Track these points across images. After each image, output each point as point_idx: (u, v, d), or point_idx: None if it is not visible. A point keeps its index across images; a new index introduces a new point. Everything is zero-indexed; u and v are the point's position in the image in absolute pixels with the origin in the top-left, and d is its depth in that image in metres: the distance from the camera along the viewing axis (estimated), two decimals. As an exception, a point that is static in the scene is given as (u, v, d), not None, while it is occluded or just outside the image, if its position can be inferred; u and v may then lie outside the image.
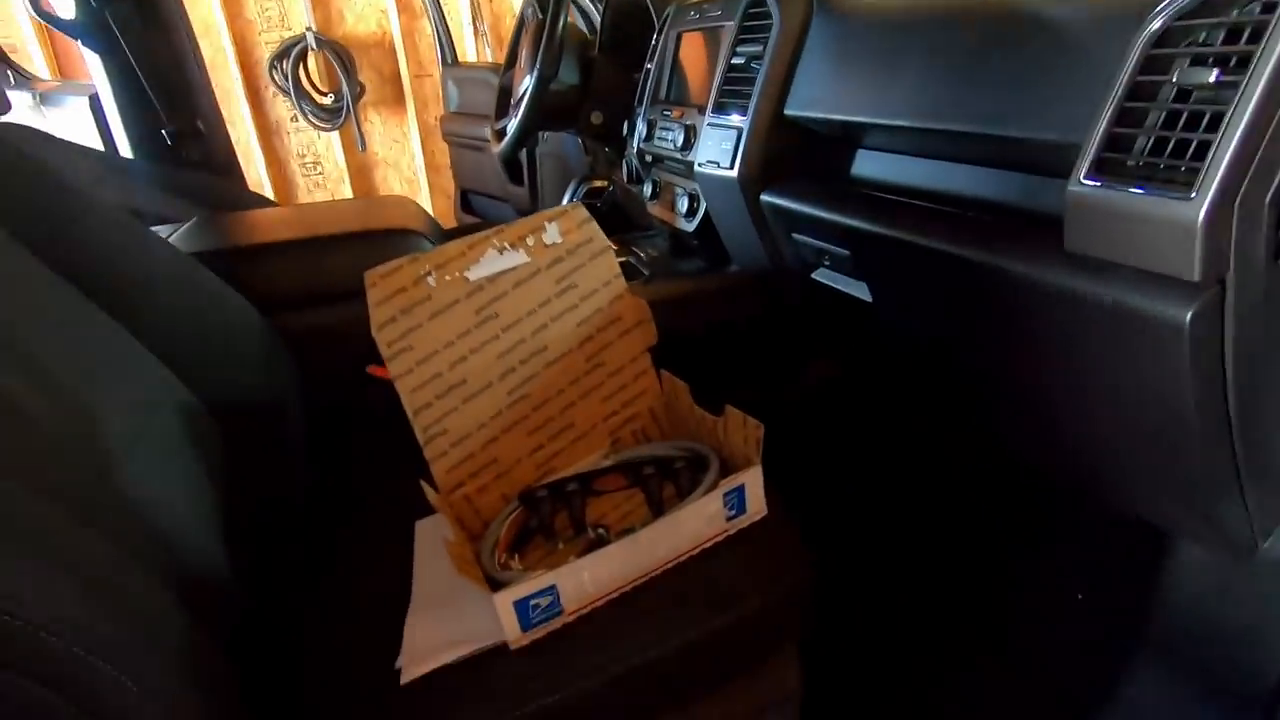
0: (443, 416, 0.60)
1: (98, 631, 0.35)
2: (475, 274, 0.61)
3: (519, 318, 0.63)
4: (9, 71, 1.99)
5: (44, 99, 1.72)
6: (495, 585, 0.50)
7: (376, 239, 0.88)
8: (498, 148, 1.39)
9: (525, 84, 1.27)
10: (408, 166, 3.28)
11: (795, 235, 0.88)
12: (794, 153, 0.89)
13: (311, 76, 2.94)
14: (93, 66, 1.37)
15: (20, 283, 0.56)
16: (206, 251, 0.79)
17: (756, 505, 0.57)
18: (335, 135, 3.08)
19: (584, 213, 0.67)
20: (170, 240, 0.85)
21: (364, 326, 0.78)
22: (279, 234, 0.89)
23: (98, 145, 1.47)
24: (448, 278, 0.60)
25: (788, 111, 0.85)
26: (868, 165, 0.85)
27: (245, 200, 1.43)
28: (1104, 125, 0.47)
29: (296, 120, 3.01)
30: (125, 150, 1.38)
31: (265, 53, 2.87)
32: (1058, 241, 0.51)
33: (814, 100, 0.82)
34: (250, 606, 0.58)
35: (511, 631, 0.49)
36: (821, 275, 0.90)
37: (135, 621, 0.38)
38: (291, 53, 2.82)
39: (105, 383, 0.57)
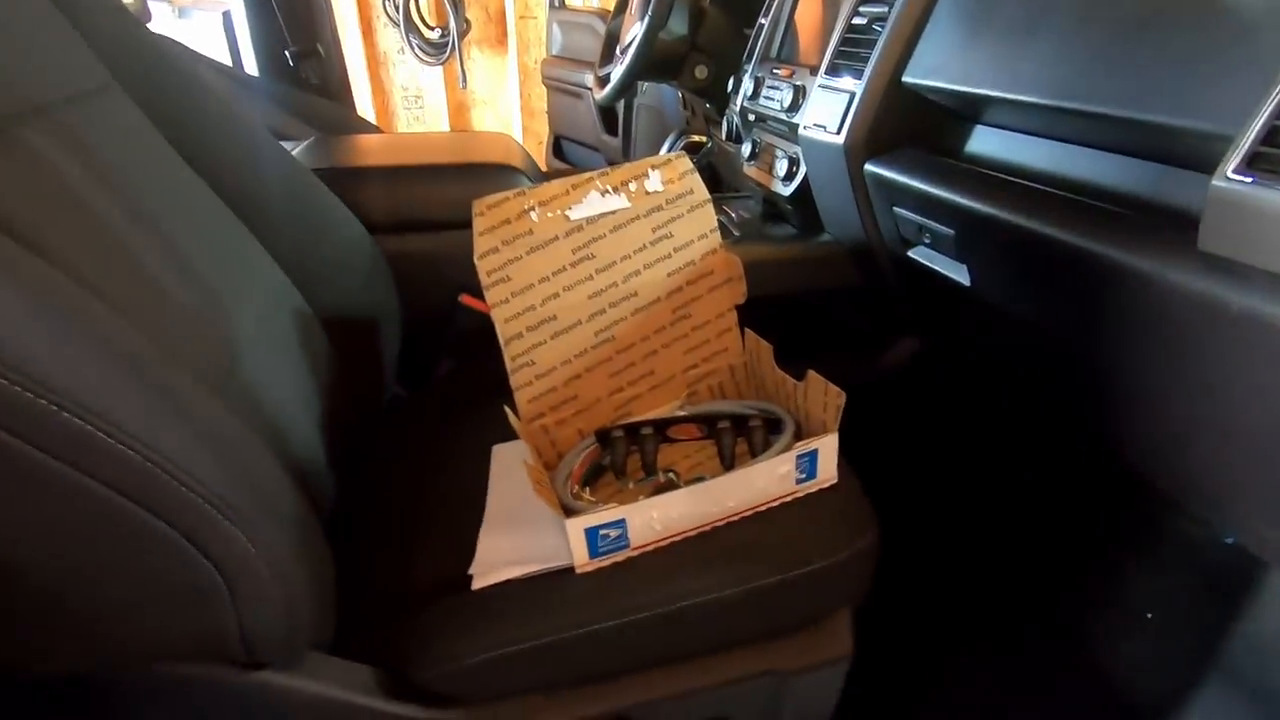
0: (531, 348, 0.63)
1: (226, 492, 0.39)
2: (576, 214, 0.62)
3: (613, 261, 0.64)
4: (151, -16, 2.11)
5: (181, 12, 1.82)
6: (568, 512, 0.53)
7: (479, 171, 0.91)
8: (599, 94, 1.39)
9: (634, 31, 1.26)
10: (504, 108, 3.32)
11: (896, 209, 0.86)
12: (905, 123, 0.86)
13: (421, 10, 2.98)
14: (228, -17, 1.44)
15: (165, 177, 0.61)
16: (321, 169, 0.83)
17: (827, 472, 0.57)
18: (438, 71, 3.13)
19: (687, 163, 0.67)
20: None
21: (461, 256, 0.80)
22: (388, 159, 0.93)
23: (226, 61, 1.55)
24: (550, 214, 0.61)
25: (906, 79, 0.82)
26: (984, 143, 0.81)
27: (355, 125, 1.48)
28: (1265, 117, 0.44)
29: (403, 53, 3.07)
30: (250, 68, 1.45)
31: (380, -17, 2.93)
32: (1188, 239, 0.49)
33: (936, 68, 0.79)
34: (339, 500, 0.63)
35: (579, 556, 0.52)
36: (918, 254, 0.87)
37: (256, 490, 0.42)
38: (405, -16, 2.86)
39: (233, 278, 0.62)
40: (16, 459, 0.33)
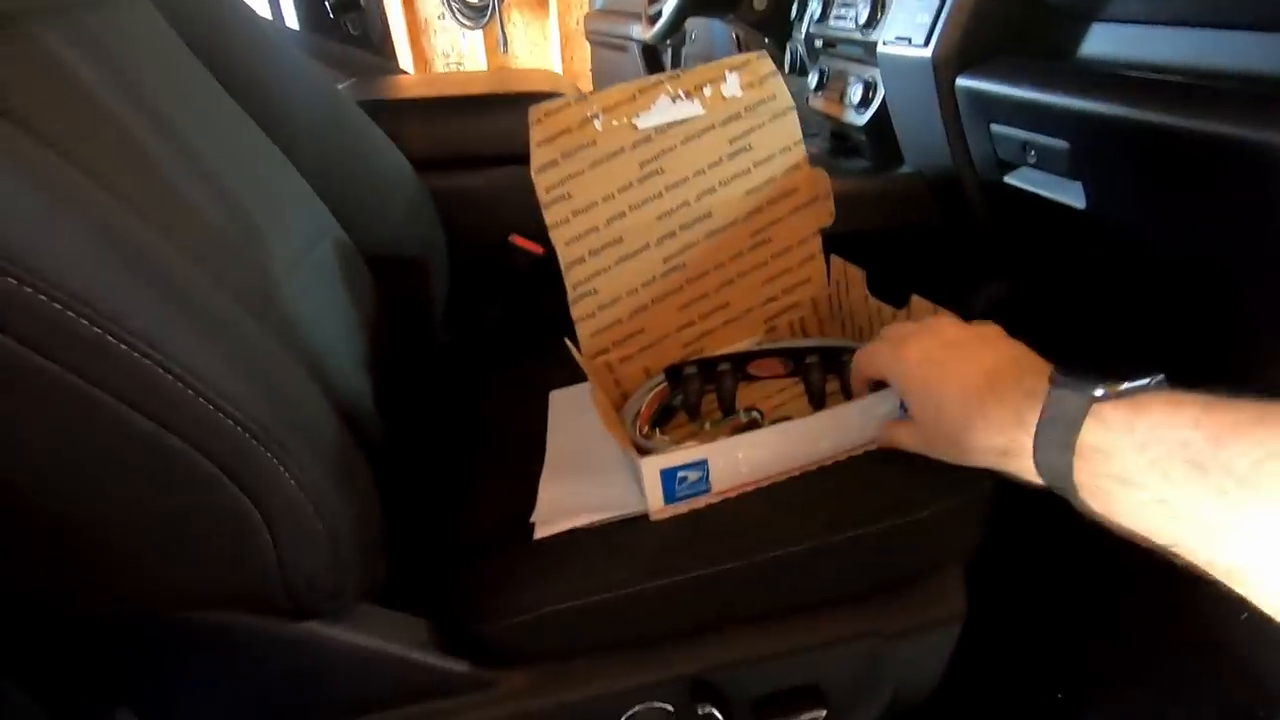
0: (594, 275, 0.56)
1: (266, 421, 0.34)
2: (644, 122, 0.54)
3: (685, 176, 0.56)
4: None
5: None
6: (641, 453, 0.46)
7: (527, 101, 0.84)
8: (649, 33, 1.31)
9: (687, -40, 1.17)
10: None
11: (994, 127, 0.76)
12: (1005, 29, 0.75)
13: (461, -29, 2.92)
14: (265, -66, 1.40)
15: (194, 94, 0.57)
16: (363, 101, 0.78)
17: None
18: (479, 35, 3.07)
19: (769, 65, 0.58)
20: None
21: (510, 194, 0.75)
22: (431, 92, 0.87)
23: (266, 13, 1.52)
24: (615, 123, 0.54)
25: (1008, -26, 0.72)
26: (1102, 42, 0.70)
27: (396, 73, 1.43)
28: None
29: (443, 18, 3.02)
30: (290, 20, 1.41)
31: (419, -55, 2.87)
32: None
33: (1048, -43, 0.68)
34: (386, 446, 0.58)
35: (655, 501, 0.46)
36: (1019, 178, 0.77)
37: (297, 421, 0.37)
38: (444, -55, 2.80)
39: (273, 208, 0.57)
40: (45, 377, 0.29)
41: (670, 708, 0.49)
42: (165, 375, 0.31)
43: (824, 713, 0.50)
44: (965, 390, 0.38)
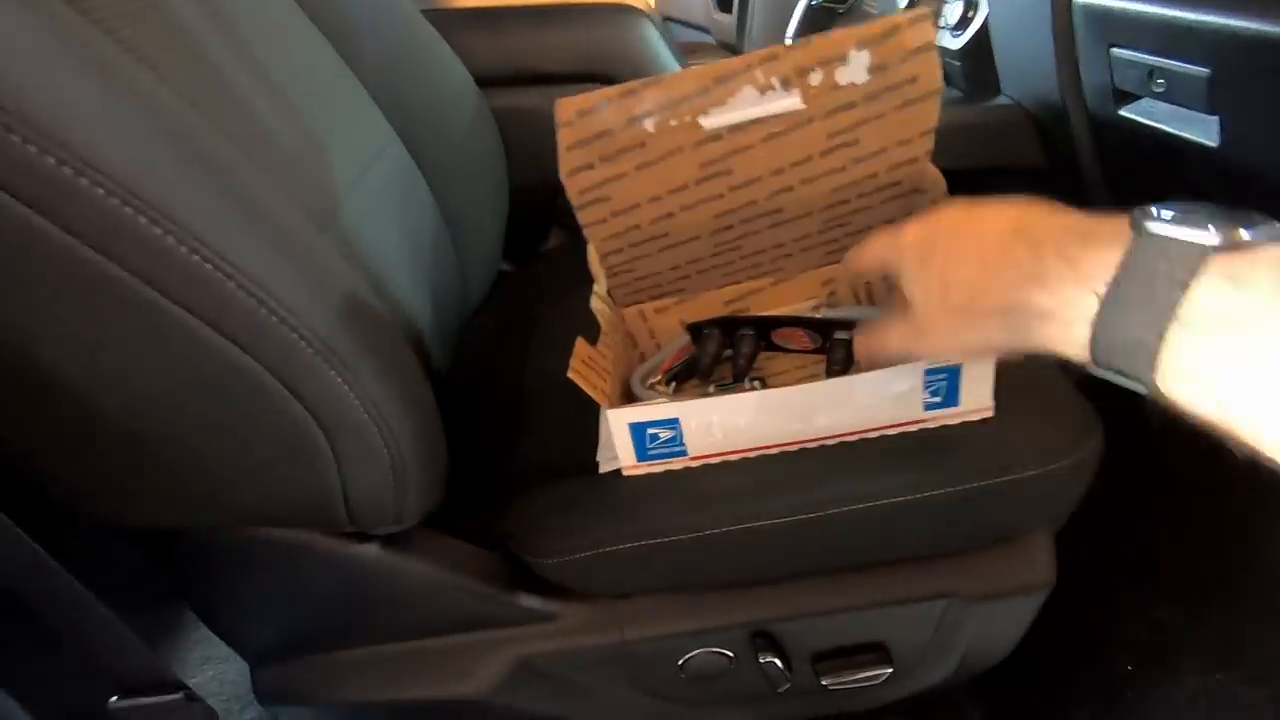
0: (632, 261, 0.50)
1: (332, 339, 0.32)
2: (715, 121, 0.41)
3: (758, 176, 0.44)
4: None
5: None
6: (631, 403, 0.44)
7: (598, 14, 0.79)
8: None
9: None
10: (604, -6, 3.10)
11: (1116, 50, 0.68)
12: (1138, -63, 0.66)
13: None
14: None
15: (268, 10, 0.53)
16: (427, 11, 0.73)
17: (976, 400, 0.42)
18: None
19: (927, 33, 0.40)
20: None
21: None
22: (497, 1, 0.82)
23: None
24: (674, 123, 0.41)
25: None
26: (1259, -48, 0.61)
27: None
28: None
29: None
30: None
31: None
32: None
33: None
34: (442, 369, 0.57)
35: (626, 455, 0.43)
36: (1138, 111, 0.69)
37: (362, 340, 0.35)
38: None
39: (335, 121, 0.54)
40: (118, 286, 0.28)
41: (730, 654, 0.48)
42: (236, 289, 0.30)
43: (889, 671, 0.48)
44: (984, 242, 0.30)
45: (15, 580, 0.34)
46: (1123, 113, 0.71)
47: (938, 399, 0.43)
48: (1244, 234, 0.24)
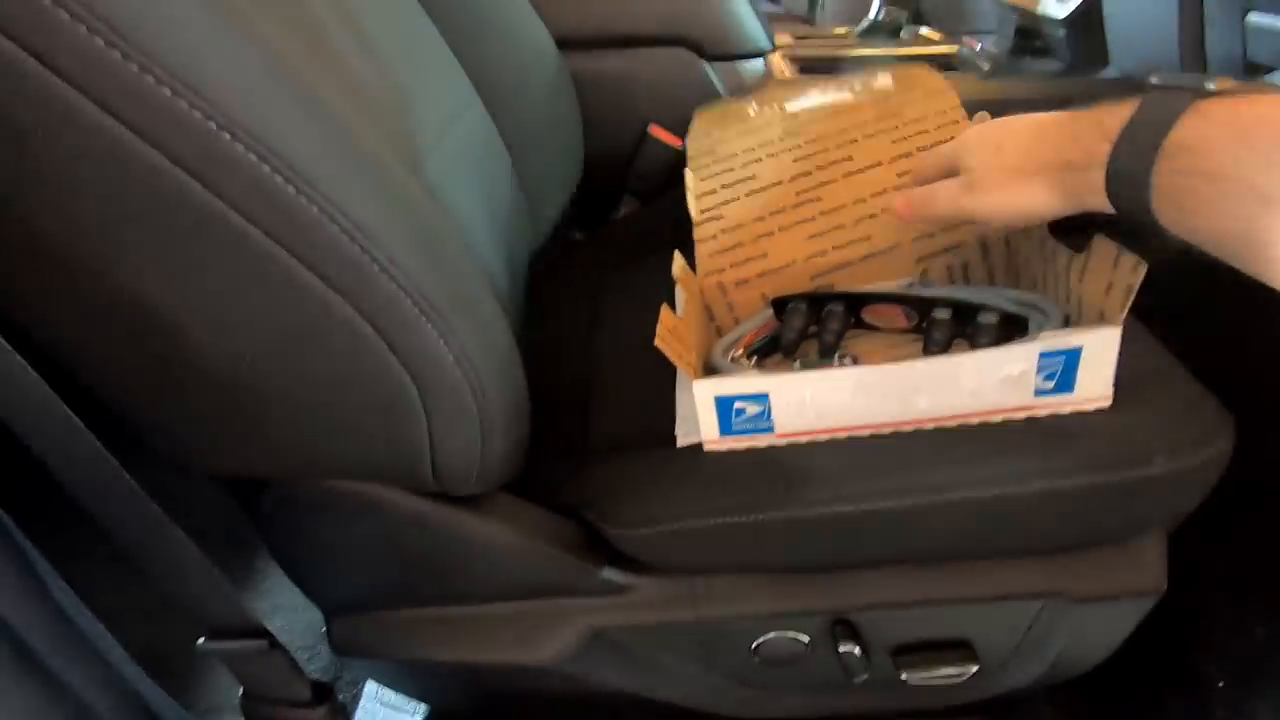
0: (721, 204, 0.53)
1: (432, 293, 0.32)
2: (793, 106, 0.59)
3: (828, 133, 0.55)
4: None
5: None
6: (711, 374, 0.42)
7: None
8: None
9: None
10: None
11: (1252, 17, 0.62)
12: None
13: None
14: None
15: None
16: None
17: (1096, 387, 0.39)
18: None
19: (928, 70, 0.59)
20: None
21: (653, 79, 0.68)
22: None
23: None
24: (766, 109, 0.60)
25: None
26: None
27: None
28: None
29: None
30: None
31: None
32: None
33: None
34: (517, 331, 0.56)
35: (709, 429, 0.41)
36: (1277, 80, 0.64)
37: (459, 296, 0.35)
38: None
39: (422, 75, 0.54)
40: (199, 209, 0.27)
41: (806, 639, 0.46)
42: (340, 233, 0.29)
43: (974, 669, 0.46)
44: (1038, 119, 0.37)
45: (113, 517, 0.34)
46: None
47: (1050, 384, 0.40)
48: (1232, 83, 0.30)
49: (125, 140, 0.25)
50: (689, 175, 0.55)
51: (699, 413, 0.41)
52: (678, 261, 0.47)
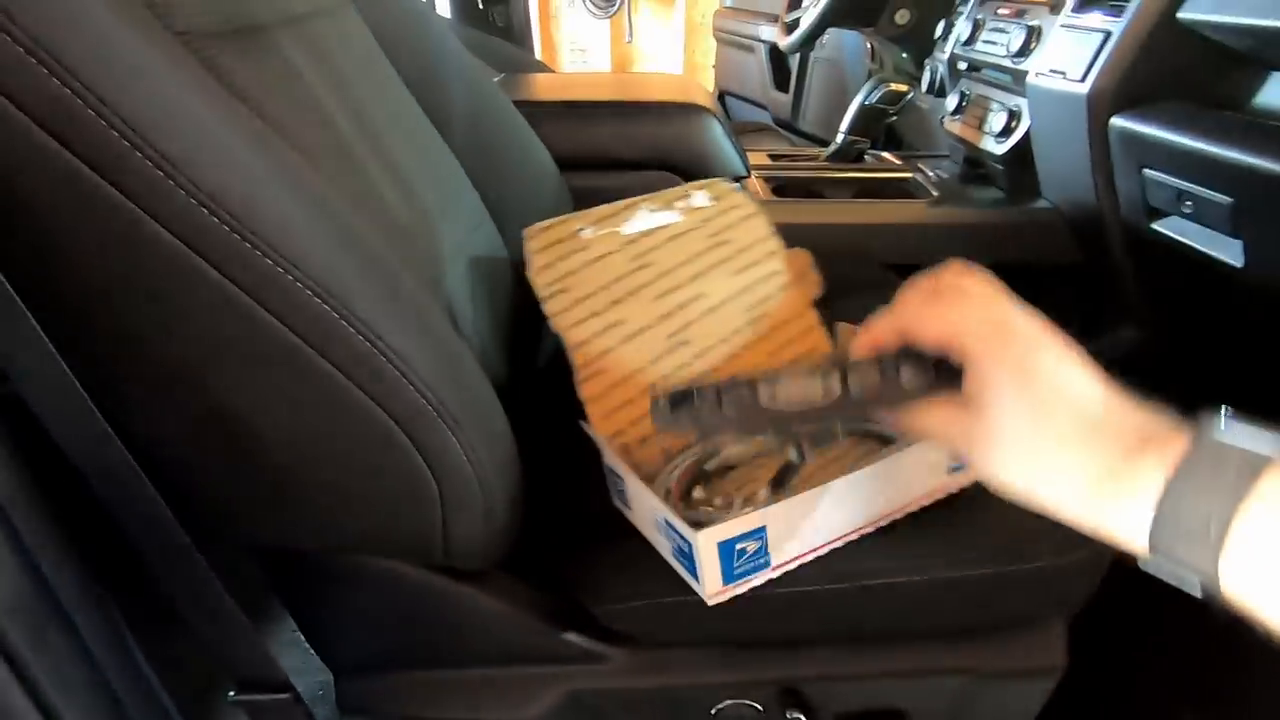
0: (600, 355, 0.57)
1: (448, 399, 0.39)
2: (628, 229, 0.61)
3: (674, 265, 0.60)
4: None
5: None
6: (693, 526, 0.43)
7: (670, 111, 0.88)
8: (785, 40, 1.31)
9: (833, -29, 1.17)
10: (667, 63, 3.27)
11: (1148, 172, 0.73)
12: (1172, 70, 0.73)
13: (595, -38, 2.98)
14: (428, -73, 1.49)
15: (387, 93, 0.63)
16: (517, 101, 0.83)
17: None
18: (605, 24, 3.13)
19: (729, 184, 0.65)
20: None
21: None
22: (579, 95, 0.92)
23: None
24: (602, 232, 0.60)
25: (1184, 15, 0.69)
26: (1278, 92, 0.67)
27: (535, 67, 1.50)
28: None
29: (573, 5, 3.10)
30: (443, 9, 1.50)
31: (558, -67, 2.95)
32: None
33: (1231, 0, 0.65)
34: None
35: (712, 582, 0.43)
36: (1168, 226, 0.75)
37: (470, 402, 0.42)
38: (582, -65, 2.87)
39: (440, 196, 0.63)
40: (271, 336, 0.35)
41: (759, 707, 0.52)
42: (379, 355, 0.37)
43: (908, 737, 0.52)
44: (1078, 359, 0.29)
45: (167, 573, 0.41)
46: (1155, 226, 0.76)
47: (956, 462, 0.47)
48: None
49: (220, 285, 0.33)
50: (556, 323, 0.56)
51: (702, 566, 0.42)
52: (589, 428, 0.52)
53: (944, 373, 0.32)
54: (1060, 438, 0.28)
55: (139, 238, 0.32)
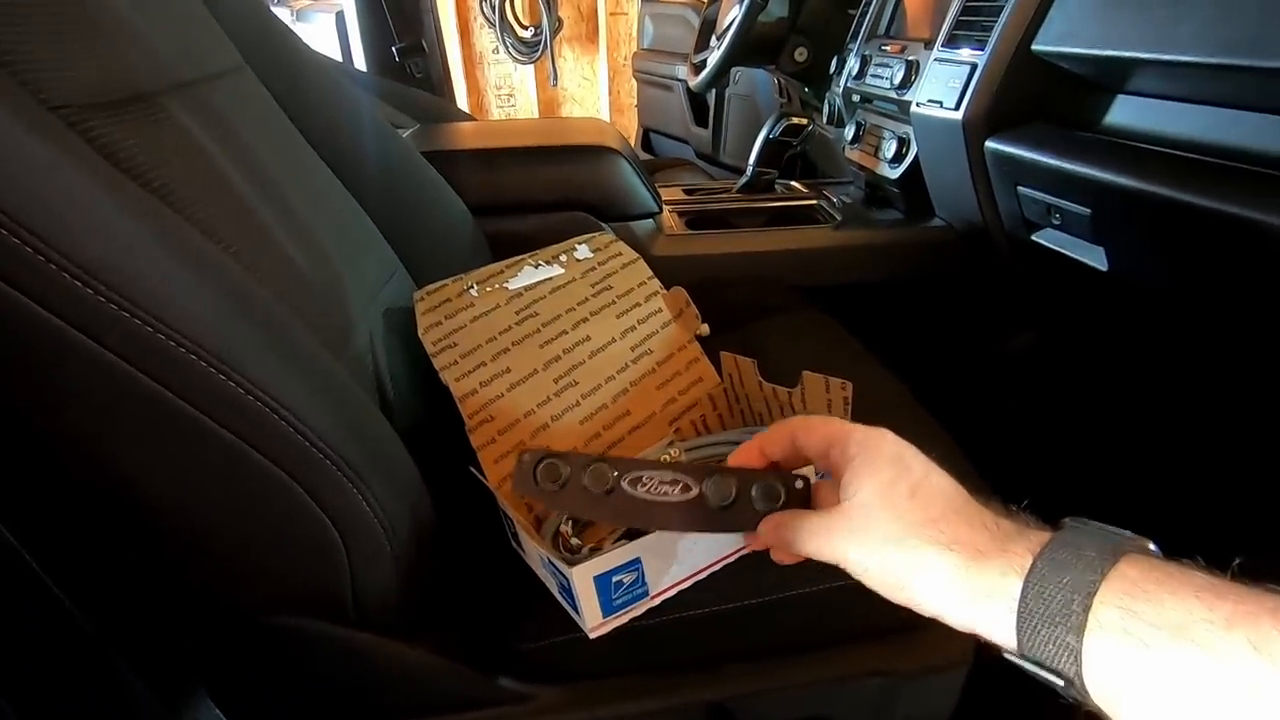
0: (488, 404, 0.57)
1: (350, 455, 0.40)
2: (514, 284, 0.64)
3: (558, 314, 0.64)
4: (272, -11, 2.26)
5: (299, 15, 1.94)
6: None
7: (578, 154, 0.91)
8: (695, 80, 1.37)
9: (732, 15, 1.23)
10: (593, 105, 3.35)
11: (1021, 189, 0.80)
12: (1032, 96, 0.79)
13: (516, 10, 3.05)
14: (341, -15, 1.52)
15: (288, 152, 0.64)
16: (426, 151, 0.85)
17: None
18: (530, 69, 3.19)
19: (610, 235, 0.71)
20: (399, 140, 0.92)
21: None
22: (489, 143, 0.94)
23: (338, 57, 1.63)
24: (489, 289, 0.64)
25: (1037, 47, 0.76)
26: (1124, 113, 0.74)
27: (455, 116, 1.53)
28: None
29: (497, 52, 3.15)
30: (360, 63, 1.52)
31: (478, -16, 3.02)
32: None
33: (1074, 33, 0.72)
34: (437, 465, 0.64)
35: (591, 615, 0.44)
36: (1045, 237, 0.81)
37: (374, 454, 0.43)
38: (501, -15, 2.94)
39: (351, 253, 0.63)
40: (158, 402, 0.35)
41: (691, 729, 0.53)
42: (272, 414, 0.37)
43: (836, 744, 0.54)
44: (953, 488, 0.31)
45: (68, 664, 0.40)
46: (1034, 238, 0.82)
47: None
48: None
49: (101, 356, 0.33)
50: (444, 376, 0.57)
51: (580, 600, 0.43)
52: (481, 477, 0.52)
53: (792, 499, 0.35)
54: (930, 523, 0.29)
55: (11, 312, 0.32)
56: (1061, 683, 0.25)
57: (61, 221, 0.32)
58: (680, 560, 0.47)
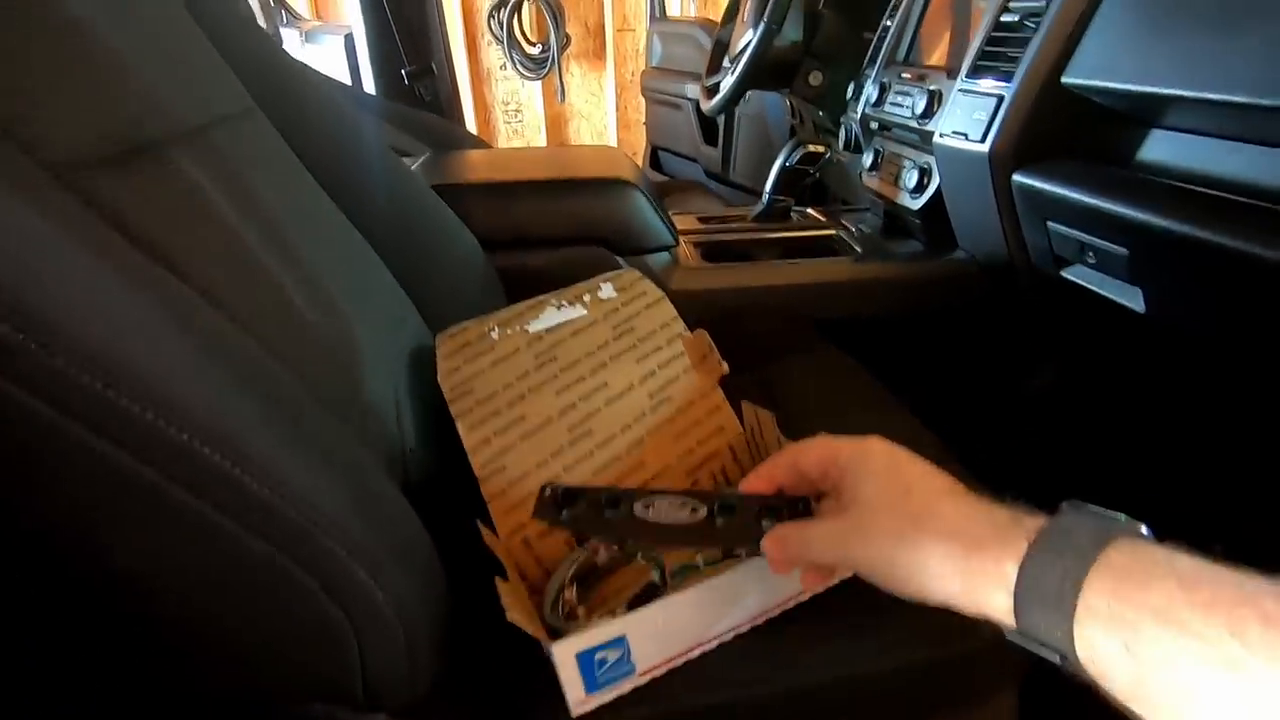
0: (500, 454, 0.56)
1: (361, 540, 0.37)
2: (535, 327, 0.63)
3: (577, 359, 0.61)
4: (282, 11, 2.26)
5: (307, 37, 1.93)
6: (553, 635, 0.44)
7: (594, 186, 0.89)
8: (707, 104, 1.35)
9: (746, 39, 1.22)
10: (600, 121, 3.35)
11: (1051, 224, 0.77)
12: (1061, 129, 0.77)
13: (524, 26, 3.05)
14: (350, 8, 1.50)
15: (298, 197, 0.62)
16: (438, 185, 0.83)
17: None
18: (538, 85, 3.19)
19: (636, 274, 0.67)
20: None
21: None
22: (504, 175, 0.92)
23: (347, 80, 1.62)
24: (509, 331, 0.62)
25: (1067, 79, 0.73)
26: (1161, 149, 0.71)
27: (464, 140, 1.51)
28: None
29: (505, 68, 3.15)
30: (369, 86, 1.51)
31: (486, 2, 3.02)
32: None
33: (1107, 67, 0.70)
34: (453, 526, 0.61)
35: (574, 693, 0.43)
36: (1075, 274, 0.78)
37: (387, 539, 0.40)
38: (509, 2, 2.95)
39: (362, 300, 0.61)
40: (160, 495, 0.32)
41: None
42: (280, 503, 0.35)
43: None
44: (949, 482, 0.34)
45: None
46: (1064, 274, 0.80)
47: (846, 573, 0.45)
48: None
49: (96, 447, 0.30)
50: (459, 426, 0.56)
51: (563, 677, 0.42)
52: (484, 532, 0.51)
53: (796, 516, 0.39)
54: (929, 516, 0.32)
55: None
56: (1059, 658, 0.28)
57: (51, 301, 0.30)
58: (670, 639, 0.44)
